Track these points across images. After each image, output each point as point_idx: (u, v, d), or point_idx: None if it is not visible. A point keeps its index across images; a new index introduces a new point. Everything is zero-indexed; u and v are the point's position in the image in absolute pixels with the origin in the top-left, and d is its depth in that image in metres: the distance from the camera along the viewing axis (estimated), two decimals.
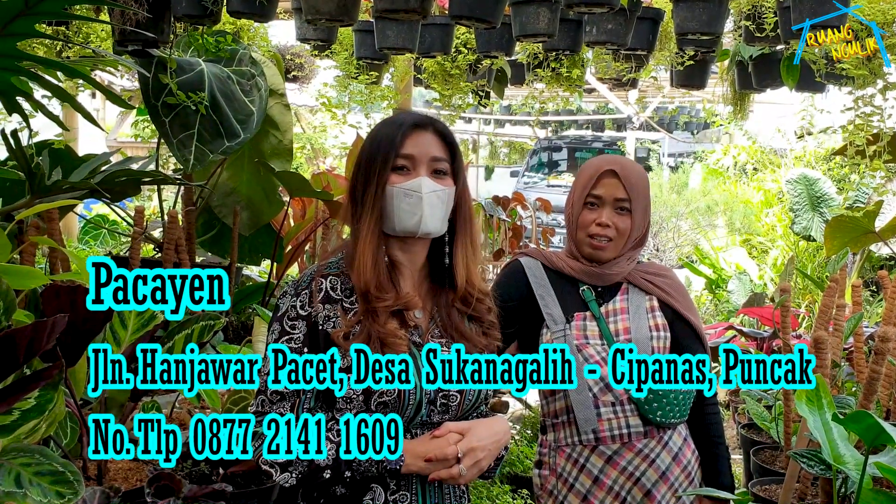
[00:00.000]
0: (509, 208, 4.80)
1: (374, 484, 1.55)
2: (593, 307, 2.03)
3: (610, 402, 1.97)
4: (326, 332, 1.54)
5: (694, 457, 2.06)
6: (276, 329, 1.57)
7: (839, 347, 2.45)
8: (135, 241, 2.89)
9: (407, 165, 1.57)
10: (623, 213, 2.01)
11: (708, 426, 2.10)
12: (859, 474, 1.62)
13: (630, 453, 1.98)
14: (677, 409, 1.99)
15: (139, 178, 2.01)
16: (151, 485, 1.68)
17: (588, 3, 2.41)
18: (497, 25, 2.70)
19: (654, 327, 2.03)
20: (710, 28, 2.75)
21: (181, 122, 2.80)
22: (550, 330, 2.01)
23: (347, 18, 2.60)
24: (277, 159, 3.42)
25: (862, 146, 3.23)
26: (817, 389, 1.87)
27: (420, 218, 1.53)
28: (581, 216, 2.03)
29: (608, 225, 2.00)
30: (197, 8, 2.62)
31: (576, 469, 2.00)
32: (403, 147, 1.56)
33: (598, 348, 1.99)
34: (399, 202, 1.54)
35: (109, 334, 1.96)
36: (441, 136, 1.61)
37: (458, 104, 4.26)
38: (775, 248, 7.68)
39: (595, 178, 2.01)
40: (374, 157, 1.57)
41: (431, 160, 1.58)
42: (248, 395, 2.34)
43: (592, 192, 2.01)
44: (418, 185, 1.54)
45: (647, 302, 2.07)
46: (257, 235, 3.73)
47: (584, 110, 14.47)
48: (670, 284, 2.11)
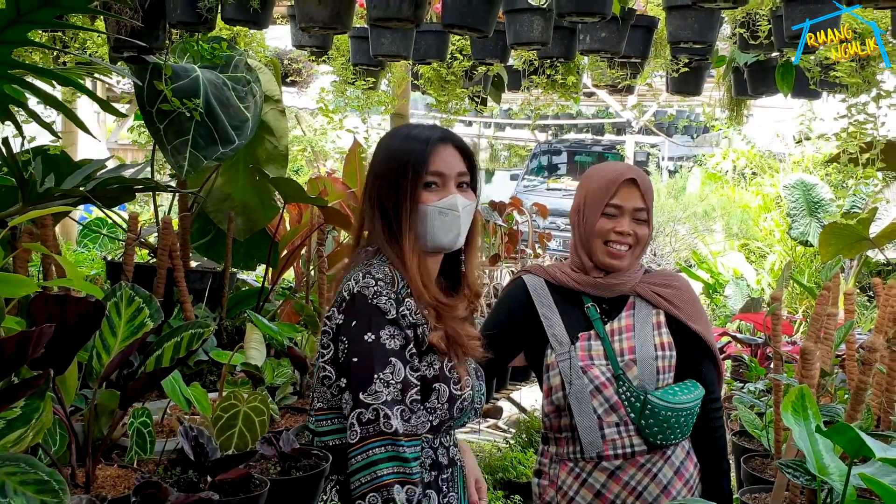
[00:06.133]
0: (505, 213, 4.81)
1: (429, 490, 1.59)
2: (598, 326, 2.00)
3: (614, 423, 1.94)
4: (422, 339, 1.55)
5: (696, 470, 2.05)
6: (397, 335, 1.51)
7: (829, 356, 2.46)
8: (128, 247, 2.90)
9: (437, 182, 1.58)
10: (641, 223, 1.99)
11: (712, 440, 2.07)
12: (843, 486, 1.63)
13: (633, 468, 1.96)
14: (679, 431, 1.97)
15: (131, 185, 2.02)
16: (137, 493, 1.69)
17: (580, 12, 2.42)
18: (489, 34, 2.71)
19: (659, 346, 1.99)
20: (702, 37, 2.76)
21: (176, 128, 2.81)
22: (555, 352, 1.98)
23: (341, 26, 2.61)
24: (272, 165, 3.43)
25: (855, 154, 3.24)
26: (803, 399, 1.87)
27: (457, 234, 1.57)
28: (598, 224, 1.99)
29: (629, 233, 1.97)
30: (192, 15, 2.63)
31: (577, 483, 1.99)
32: (433, 163, 1.57)
33: (602, 369, 1.96)
34: (434, 220, 1.56)
35: (99, 342, 1.97)
36: (461, 150, 1.63)
37: (455, 110, 4.28)
38: (773, 253, 7.69)
39: (615, 188, 1.97)
40: (403, 172, 1.57)
41: (458, 175, 1.60)
42: (239, 402, 2.34)
43: (612, 202, 1.97)
44: (454, 204, 1.56)
45: (653, 317, 2.03)
46: (252, 240, 3.74)
47: (583, 114, 14.47)
48: (678, 296, 2.06)
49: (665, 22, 2.89)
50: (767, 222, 7.96)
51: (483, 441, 4.58)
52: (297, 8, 2.57)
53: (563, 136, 16.08)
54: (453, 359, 1.52)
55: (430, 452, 1.57)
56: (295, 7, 2.56)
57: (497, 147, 17.91)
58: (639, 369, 1.95)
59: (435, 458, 1.58)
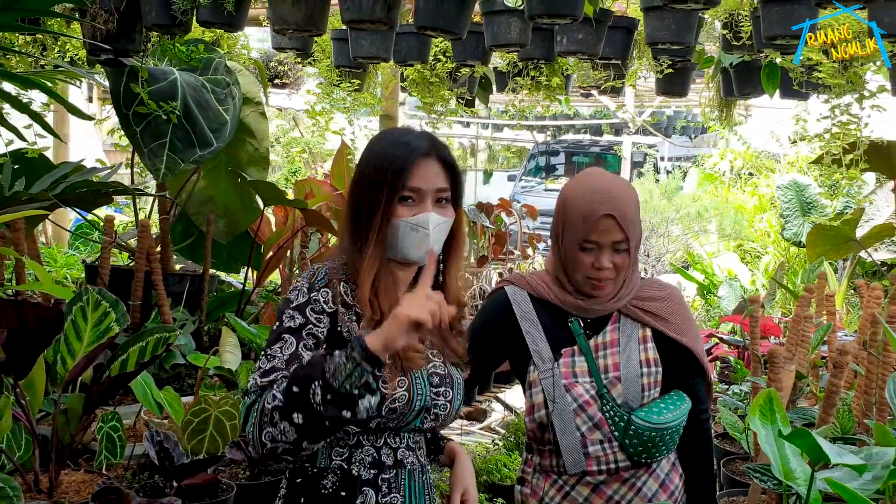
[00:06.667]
0: (494, 215, 4.80)
1: (366, 487, 1.56)
2: (581, 342, 1.95)
3: (598, 440, 1.91)
4: (342, 334, 1.53)
5: (681, 481, 2.01)
6: (297, 317, 1.51)
7: (805, 359, 2.44)
8: (104, 251, 2.89)
9: (413, 197, 1.56)
10: (621, 252, 1.91)
11: (699, 451, 2.02)
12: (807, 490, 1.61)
13: (616, 483, 1.93)
14: (664, 448, 1.93)
15: (99, 189, 2.01)
16: (98, 498, 1.68)
17: (550, 13, 2.40)
18: (462, 36, 2.70)
19: (644, 362, 1.94)
20: (680, 38, 2.74)
21: (153, 131, 2.80)
22: (538, 368, 1.94)
23: (315, 29, 2.59)
24: (253, 167, 3.43)
25: (838, 155, 3.22)
26: (771, 403, 1.85)
27: (426, 251, 1.54)
28: (577, 258, 1.92)
29: (608, 267, 1.90)
30: (166, 18, 2.62)
31: (560, 495, 1.96)
32: (412, 179, 1.55)
33: (587, 386, 1.91)
34: (405, 235, 1.55)
35: (64, 346, 1.96)
36: (444, 164, 1.60)
37: (441, 111, 4.27)
38: (767, 254, 7.66)
39: (592, 223, 1.88)
40: (380, 183, 1.55)
41: (436, 191, 1.58)
42: (210, 407, 2.33)
43: (589, 238, 1.88)
44: (426, 221, 1.55)
45: (639, 332, 1.97)
46: (236, 243, 3.73)
47: (581, 115, 14.44)
48: (666, 308, 1.99)
49: (643, 23, 2.88)
50: (762, 223, 7.93)
51: (471, 442, 4.57)
52: (270, 10, 2.55)
53: (561, 136, 16.05)
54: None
55: (372, 451, 1.57)
56: (269, 9, 2.55)
57: (495, 148, 17.88)
58: (623, 387, 1.91)
59: (377, 456, 1.57)
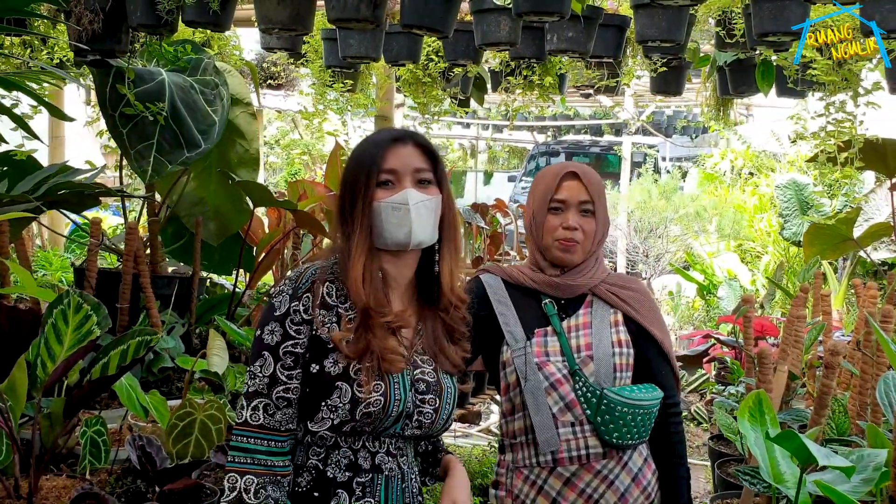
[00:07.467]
0: (489, 215, 4.77)
1: (340, 489, 1.56)
2: (554, 322, 1.99)
3: (569, 423, 1.92)
4: (320, 338, 1.55)
5: (654, 477, 2.01)
6: (276, 330, 1.55)
7: (798, 359, 2.41)
8: (91, 253, 2.87)
9: (391, 180, 1.59)
10: (587, 216, 2.00)
11: (671, 445, 2.04)
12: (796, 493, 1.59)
13: (588, 475, 1.93)
14: (636, 431, 1.94)
15: (82, 190, 1.99)
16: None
17: (537, 11, 2.37)
18: (449, 35, 2.67)
19: (616, 343, 1.98)
20: (670, 35, 2.71)
21: (140, 132, 2.77)
22: (511, 348, 1.97)
23: (302, 27, 2.57)
24: (244, 168, 3.40)
25: (833, 153, 3.19)
26: (760, 405, 1.83)
27: (409, 230, 1.57)
28: (546, 222, 2.00)
29: (576, 228, 1.98)
30: (152, 18, 2.59)
31: (533, 491, 1.96)
32: (385, 162, 1.58)
33: (559, 365, 1.94)
34: (387, 216, 1.57)
35: (44, 350, 1.94)
36: (421, 147, 1.63)
37: (435, 112, 4.25)
38: (767, 253, 7.63)
39: (557, 182, 1.99)
40: (358, 174, 1.59)
41: (414, 171, 1.60)
42: (196, 411, 2.31)
43: (556, 197, 1.99)
44: (405, 198, 1.57)
45: (611, 315, 2.02)
46: (227, 244, 3.70)
47: (581, 115, 14.40)
48: (636, 298, 2.06)
49: (634, 21, 2.85)
50: (762, 223, 7.90)
51: (468, 445, 4.55)
52: (256, 9, 2.53)
53: (562, 137, 16.01)
54: (362, 361, 1.51)
55: (349, 453, 1.57)
56: (255, 9, 2.52)
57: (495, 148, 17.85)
58: (595, 365, 1.94)
59: (353, 459, 1.57)
